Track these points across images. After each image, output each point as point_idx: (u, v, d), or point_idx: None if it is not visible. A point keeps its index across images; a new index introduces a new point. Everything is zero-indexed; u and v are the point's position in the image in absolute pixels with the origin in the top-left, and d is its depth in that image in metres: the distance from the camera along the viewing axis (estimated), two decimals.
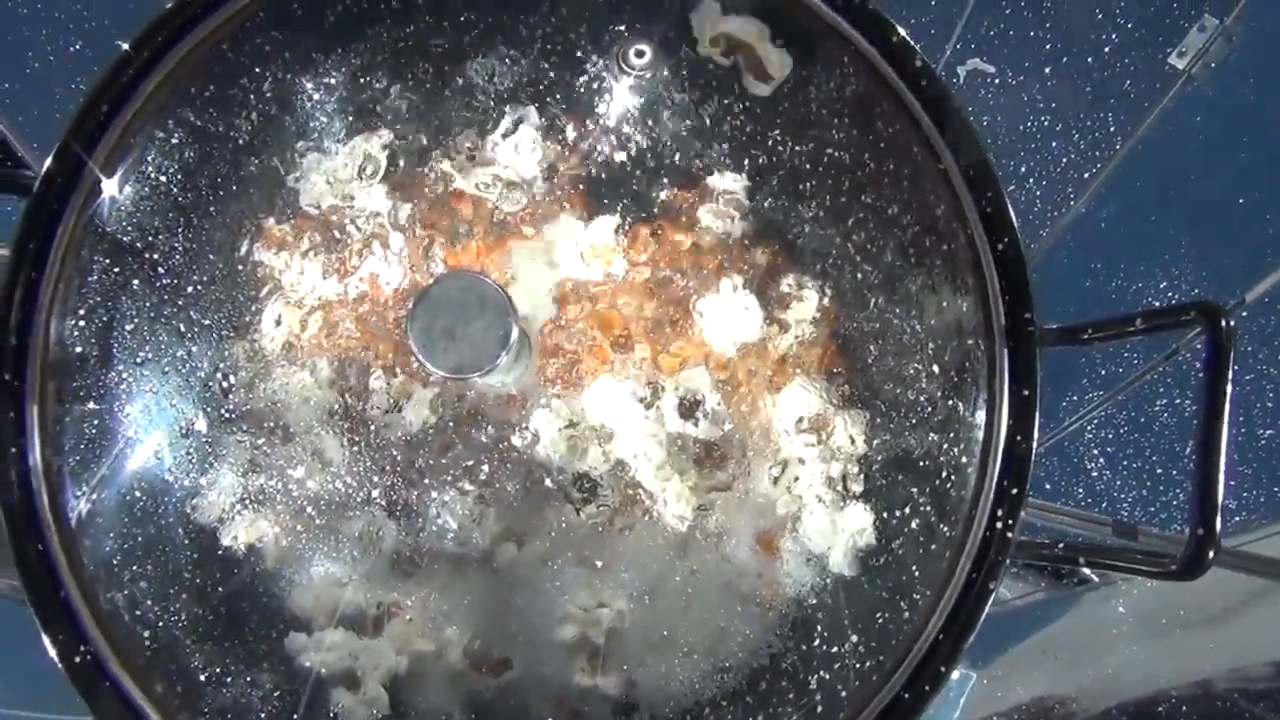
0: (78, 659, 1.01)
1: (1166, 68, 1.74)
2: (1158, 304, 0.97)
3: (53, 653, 1.01)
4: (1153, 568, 0.93)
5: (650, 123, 1.15)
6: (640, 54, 1.12)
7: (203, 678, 1.08)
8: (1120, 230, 1.72)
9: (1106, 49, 1.77)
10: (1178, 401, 1.64)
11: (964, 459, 1.07)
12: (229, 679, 1.09)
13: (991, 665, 1.93)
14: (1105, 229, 1.70)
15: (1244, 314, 1.60)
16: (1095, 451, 1.66)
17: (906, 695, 1.02)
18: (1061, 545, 1.02)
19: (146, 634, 1.07)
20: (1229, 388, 0.92)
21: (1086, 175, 1.74)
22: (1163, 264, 1.68)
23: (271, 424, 1.14)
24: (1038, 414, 1.03)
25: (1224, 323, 0.92)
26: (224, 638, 1.11)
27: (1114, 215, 1.71)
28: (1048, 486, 1.63)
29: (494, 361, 0.92)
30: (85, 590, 1.04)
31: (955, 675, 2.08)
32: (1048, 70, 1.79)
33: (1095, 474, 1.67)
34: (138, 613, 1.08)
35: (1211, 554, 0.88)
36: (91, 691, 1.02)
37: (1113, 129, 1.74)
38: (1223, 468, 0.92)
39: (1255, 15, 1.70)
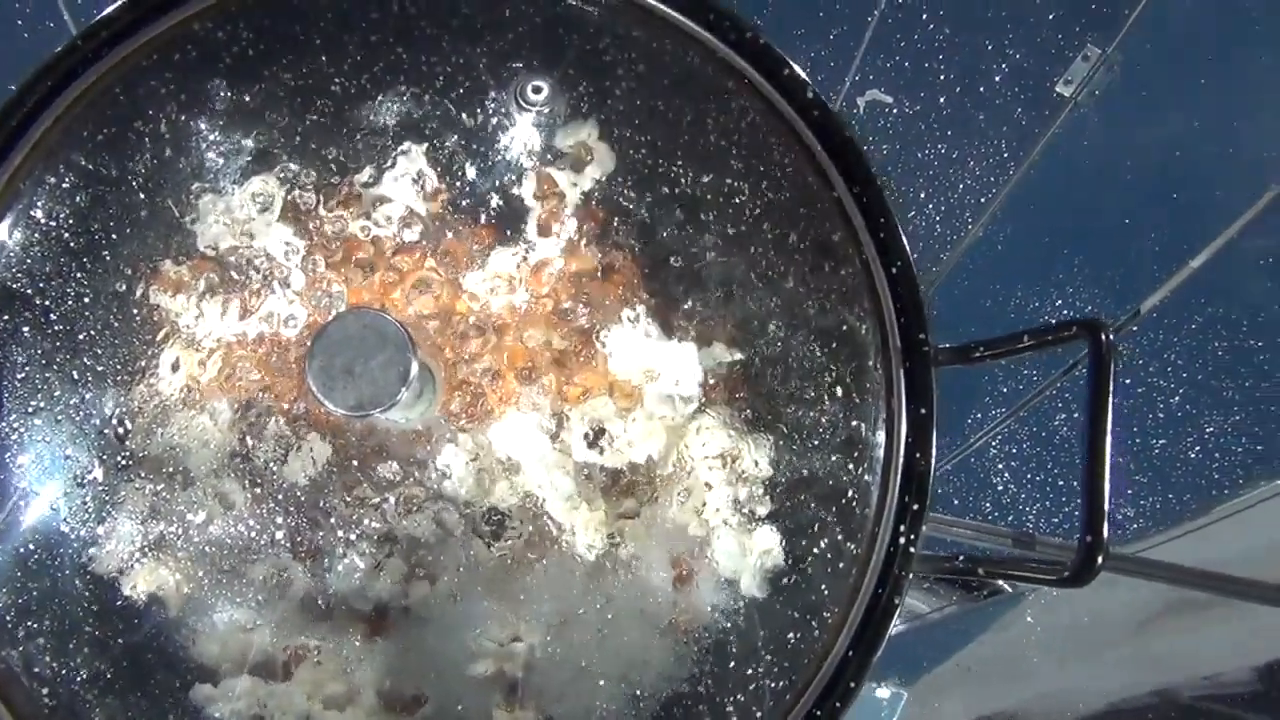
0: None
1: (1054, 96, 1.82)
2: (1054, 321, 1.01)
3: None
4: (1047, 575, 0.97)
5: (549, 156, 1.17)
6: (538, 89, 1.14)
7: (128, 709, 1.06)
8: (1016, 252, 1.78)
9: (997, 78, 1.84)
10: (1076, 416, 1.70)
11: (866, 477, 1.09)
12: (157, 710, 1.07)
13: (921, 683, 1.97)
14: (1002, 251, 1.76)
15: (1135, 329, 1.67)
16: (1000, 466, 1.70)
17: (819, 712, 1.03)
18: (961, 558, 1.05)
19: (45, 691, 1.05)
20: (1110, 399, 0.95)
21: (983, 200, 1.80)
22: (1057, 283, 1.74)
23: (170, 470, 1.13)
24: (935, 431, 1.06)
25: (1104, 337, 0.96)
26: (127, 691, 1.09)
27: (1010, 238, 1.77)
28: (955, 502, 1.68)
29: (394, 398, 0.92)
30: None
31: (886, 695, 2.11)
32: (943, 100, 1.85)
33: (1001, 488, 1.71)
34: (35, 670, 1.05)
35: (1100, 559, 0.92)
36: None
37: (1005, 155, 1.80)
38: (1108, 476, 0.96)
39: (1135, 44, 1.79)
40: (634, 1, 1.16)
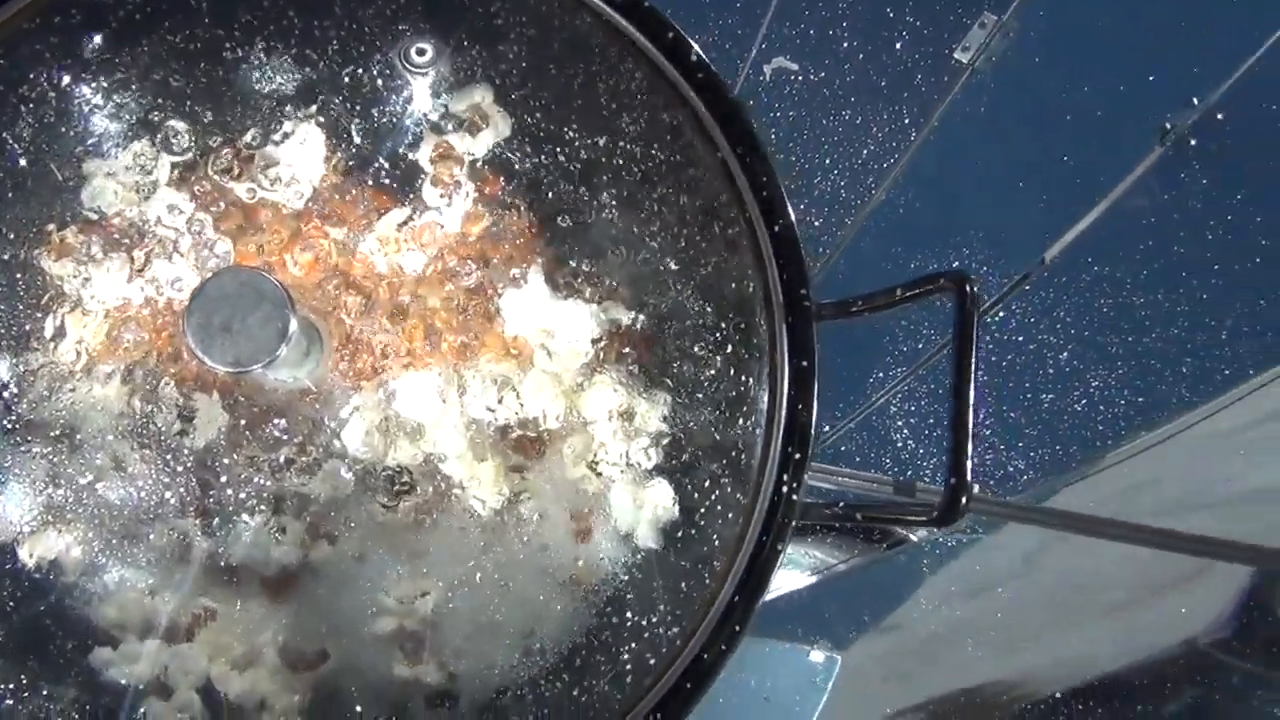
0: None
1: (952, 62, 1.86)
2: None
3: None
4: (918, 517, 1.01)
5: (437, 119, 1.19)
6: (422, 52, 1.15)
7: (4, 699, 1.06)
8: (918, 215, 1.83)
9: (898, 45, 1.88)
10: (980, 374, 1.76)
11: (753, 429, 1.13)
12: (32, 698, 1.07)
13: (856, 648, 2.02)
14: (904, 214, 1.81)
15: (1028, 288, 1.73)
16: (900, 424, 1.76)
17: (705, 655, 1.07)
18: (842, 505, 1.09)
19: None
20: (975, 347, 0.99)
21: (886, 165, 1.84)
22: (954, 244, 1.80)
23: (62, 435, 1.13)
24: (816, 384, 1.10)
25: (968, 288, 1.00)
26: (25, 656, 1.09)
27: (911, 201, 1.82)
28: (858, 459, 1.72)
29: (273, 354, 0.93)
30: None
31: (820, 659, 2.16)
32: (846, 67, 1.89)
33: (900, 444, 1.77)
34: None
35: (964, 500, 0.96)
36: None
37: (907, 121, 1.85)
38: (971, 424, 1.00)
39: (1029, 11, 1.84)
40: None
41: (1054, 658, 1.82)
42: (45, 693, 1.07)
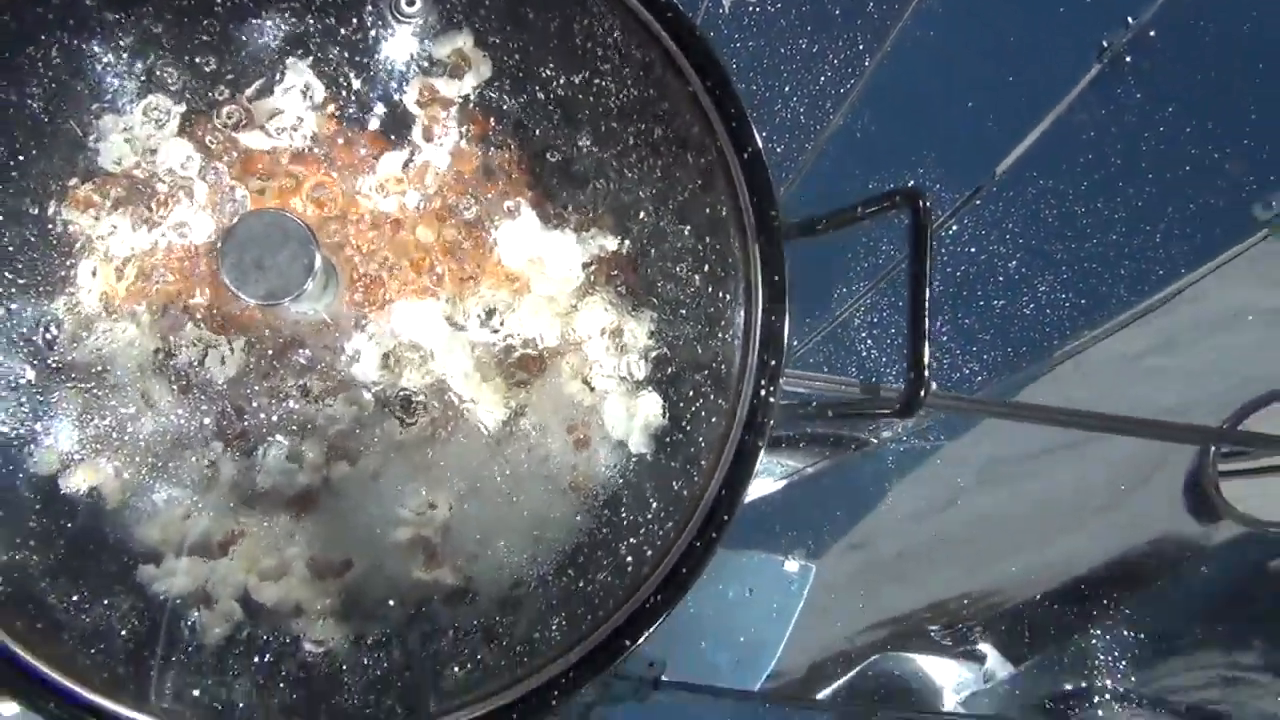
0: None
1: None
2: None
3: None
4: (884, 410, 1.14)
5: (428, 64, 1.27)
6: (411, 2, 1.23)
7: (62, 614, 1.17)
8: (874, 137, 1.93)
9: None
10: (933, 284, 1.88)
11: (731, 340, 1.24)
12: (88, 612, 1.18)
13: (831, 562, 2.16)
14: (861, 137, 1.91)
15: (979, 202, 1.84)
16: (864, 335, 1.88)
17: (697, 544, 1.20)
18: (814, 404, 1.22)
19: None
20: (929, 257, 1.11)
21: (842, 90, 1.94)
22: (909, 164, 1.90)
23: (98, 372, 1.22)
24: (788, 296, 1.21)
25: (921, 203, 1.11)
26: (77, 577, 1.20)
27: (867, 124, 1.92)
28: (825, 369, 1.85)
29: (302, 287, 1.03)
30: None
31: (794, 568, 2.30)
32: None
33: (865, 354, 1.89)
34: None
35: (923, 394, 1.08)
36: None
37: (861, 47, 1.94)
38: (928, 328, 1.11)
39: None
40: None
41: (1024, 565, 1.97)
42: (105, 604, 1.18)
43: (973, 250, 1.85)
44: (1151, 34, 1.73)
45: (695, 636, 2.06)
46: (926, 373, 1.09)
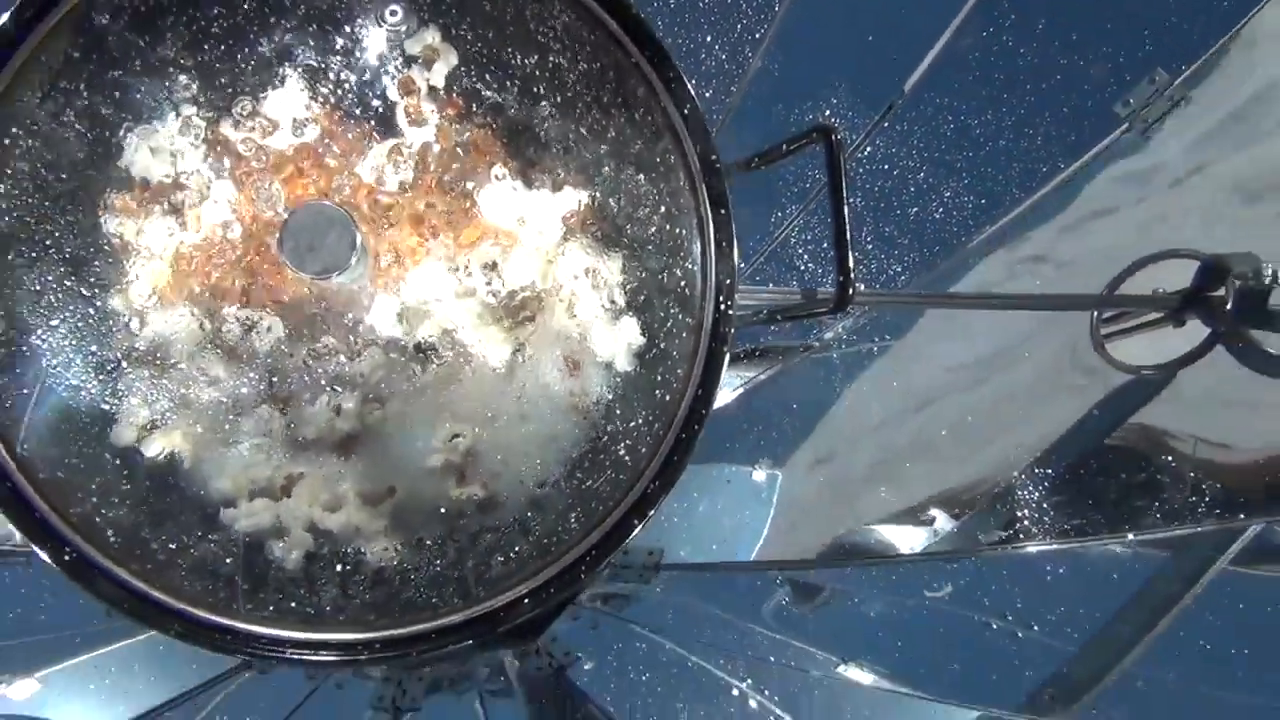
0: (67, 558, 1.31)
1: None
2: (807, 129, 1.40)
3: (47, 559, 1.30)
4: (820, 310, 1.39)
5: (410, 64, 1.48)
6: (394, 12, 1.44)
7: (168, 554, 1.40)
8: (790, 76, 2.16)
9: None
10: (852, 200, 2.13)
11: (691, 266, 1.48)
12: (187, 548, 1.41)
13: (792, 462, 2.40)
14: (778, 76, 2.14)
15: (886, 124, 2.08)
16: (801, 251, 2.12)
17: (683, 436, 1.45)
18: (765, 312, 1.47)
19: (110, 531, 1.37)
20: (844, 179, 1.35)
21: (758, 36, 2.16)
22: (825, 98, 2.14)
23: (163, 355, 1.44)
24: (733, 224, 1.46)
25: (833, 137, 1.35)
26: (174, 524, 1.43)
27: (783, 66, 2.14)
28: (771, 285, 2.10)
29: (348, 262, 1.25)
30: (56, 510, 1.33)
31: (762, 477, 2.56)
32: None
33: (804, 269, 2.14)
34: (97, 518, 1.38)
35: (850, 290, 1.34)
36: (83, 579, 1.32)
37: None
38: (850, 238, 1.36)
39: None
40: None
41: (996, 461, 2.24)
42: (201, 542, 1.41)
43: (886, 167, 2.10)
44: None
45: (674, 548, 2.31)
46: (852, 274, 1.35)
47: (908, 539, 2.23)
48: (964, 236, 2.06)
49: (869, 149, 2.11)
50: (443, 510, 1.51)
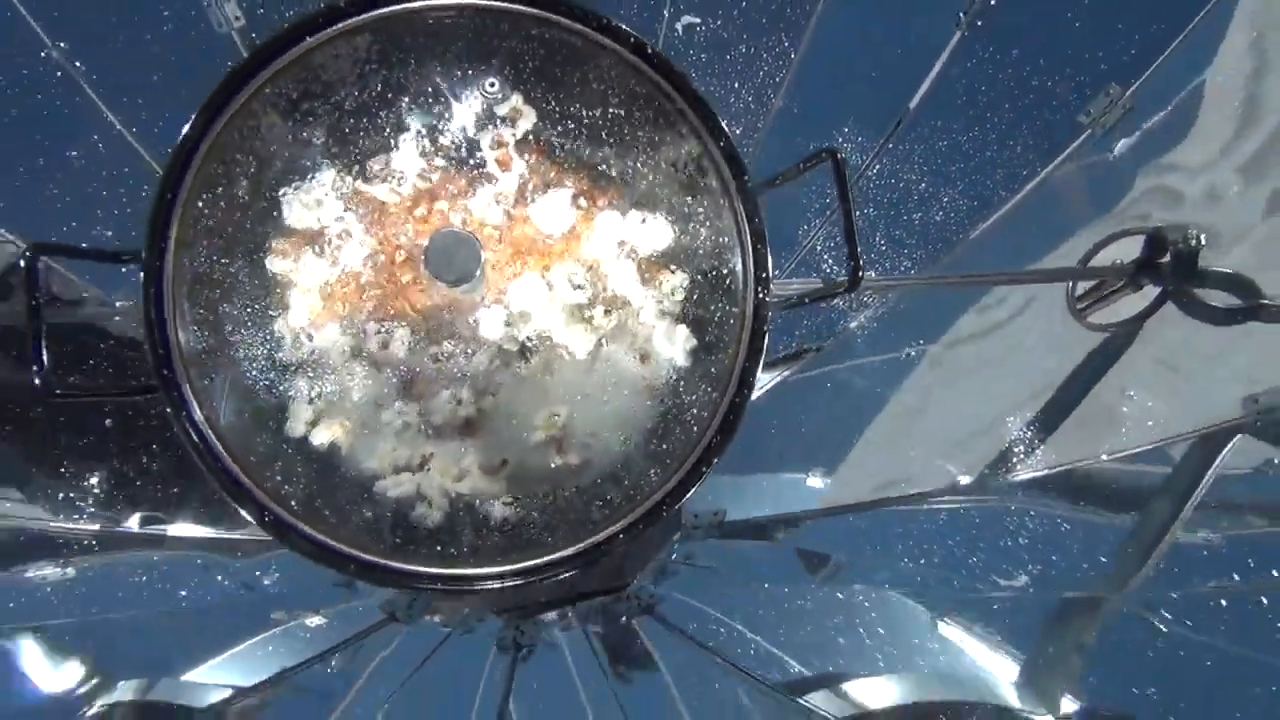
0: (267, 519, 1.69)
1: None
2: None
3: (251, 518, 1.68)
4: (838, 289, 1.74)
5: (499, 123, 1.86)
6: (492, 84, 1.83)
7: (337, 517, 1.77)
8: (808, 112, 2.52)
9: None
10: (865, 210, 2.48)
11: (735, 268, 1.84)
12: (352, 512, 1.79)
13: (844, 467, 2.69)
14: (797, 113, 2.50)
15: (891, 145, 2.43)
16: (825, 256, 2.46)
17: (737, 400, 1.80)
18: (794, 297, 1.82)
19: (293, 500, 1.75)
20: (849, 191, 1.70)
21: (778, 79, 2.52)
22: (838, 128, 2.49)
23: (321, 365, 1.82)
24: (765, 231, 1.81)
25: (838, 156, 1.71)
26: (339, 492, 1.80)
27: (800, 104, 2.50)
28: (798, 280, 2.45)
29: (475, 274, 1.63)
30: (255, 482, 1.71)
31: (819, 484, 2.89)
32: (734, 12, 2.56)
33: (827, 270, 2.48)
34: (283, 491, 1.75)
35: (859, 273, 1.69)
36: (279, 534, 1.69)
37: (787, 44, 2.52)
38: (856, 233, 1.70)
39: None
40: (529, 15, 1.83)
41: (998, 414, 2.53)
42: (363, 506, 1.78)
43: (892, 181, 2.44)
44: (992, 2, 2.31)
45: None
46: (861, 261, 1.70)
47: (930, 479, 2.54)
48: (960, 233, 2.40)
49: (877, 167, 2.46)
50: (547, 474, 1.87)
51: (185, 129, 1.69)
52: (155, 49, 2.49)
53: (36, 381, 1.57)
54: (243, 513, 1.68)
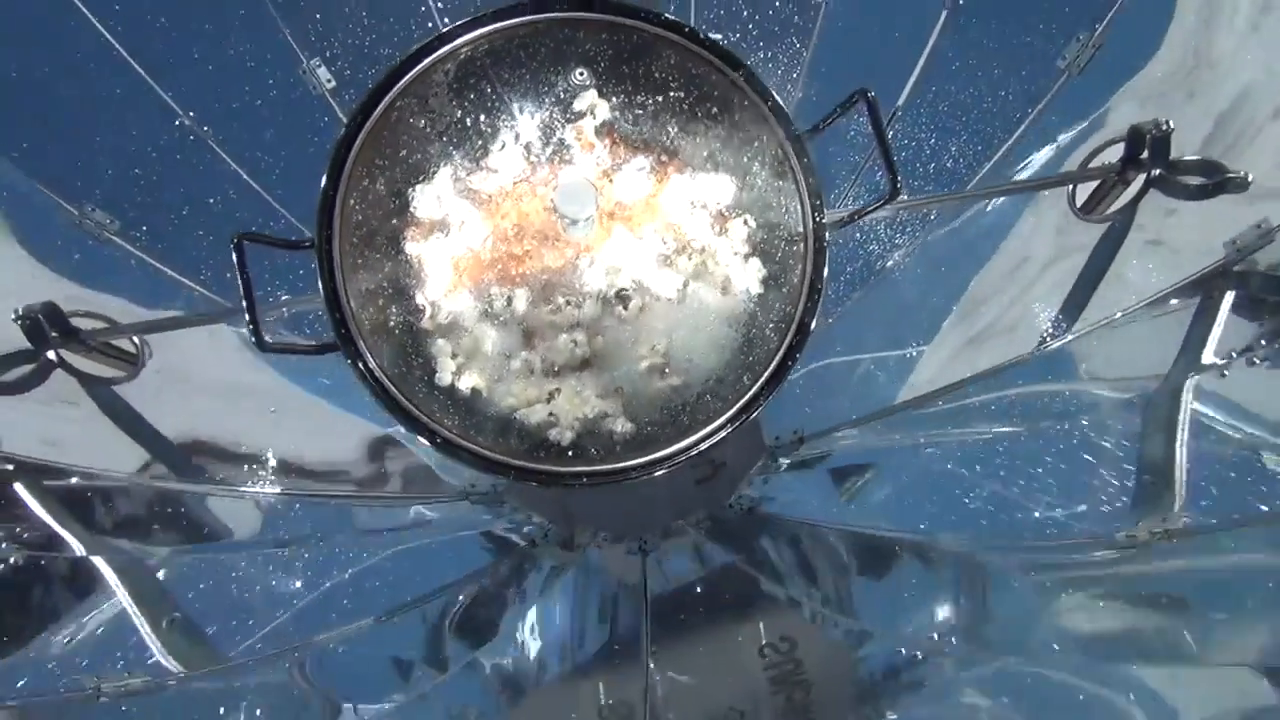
0: (438, 441, 2.02)
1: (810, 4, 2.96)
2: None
3: (425, 441, 2.01)
4: (882, 202, 2.10)
5: (585, 117, 2.24)
6: (582, 74, 2.21)
7: (493, 439, 2.10)
8: (824, 98, 2.91)
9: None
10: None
11: (793, 207, 2.20)
12: (504, 437, 2.11)
13: None
14: (816, 100, 2.88)
15: (900, 112, 2.81)
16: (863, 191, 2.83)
17: (809, 306, 2.14)
18: (845, 216, 2.18)
19: (453, 430, 2.08)
20: (881, 118, 2.07)
21: (795, 75, 2.93)
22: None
23: (457, 325, 2.17)
24: (815, 169, 2.18)
25: (870, 95, 2.08)
26: (488, 424, 2.13)
27: (819, 91, 2.89)
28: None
29: (593, 210, 1.99)
30: (424, 413, 2.05)
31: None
32: (750, 26, 2.97)
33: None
34: (445, 423, 2.09)
35: (899, 186, 2.05)
36: (454, 454, 2.02)
37: (799, 45, 2.92)
38: (891, 154, 2.06)
39: None
40: (599, 20, 2.23)
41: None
42: (508, 434, 2.11)
43: (906, 140, 2.81)
44: None
45: None
46: (898, 176, 2.06)
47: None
48: (970, 174, 2.75)
49: (892, 132, 2.84)
50: (656, 393, 2.20)
51: (341, 133, 2.08)
52: (265, 112, 2.91)
53: (253, 339, 1.92)
54: (419, 438, 2.01)
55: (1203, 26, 2.30)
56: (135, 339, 2.39)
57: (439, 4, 2.39)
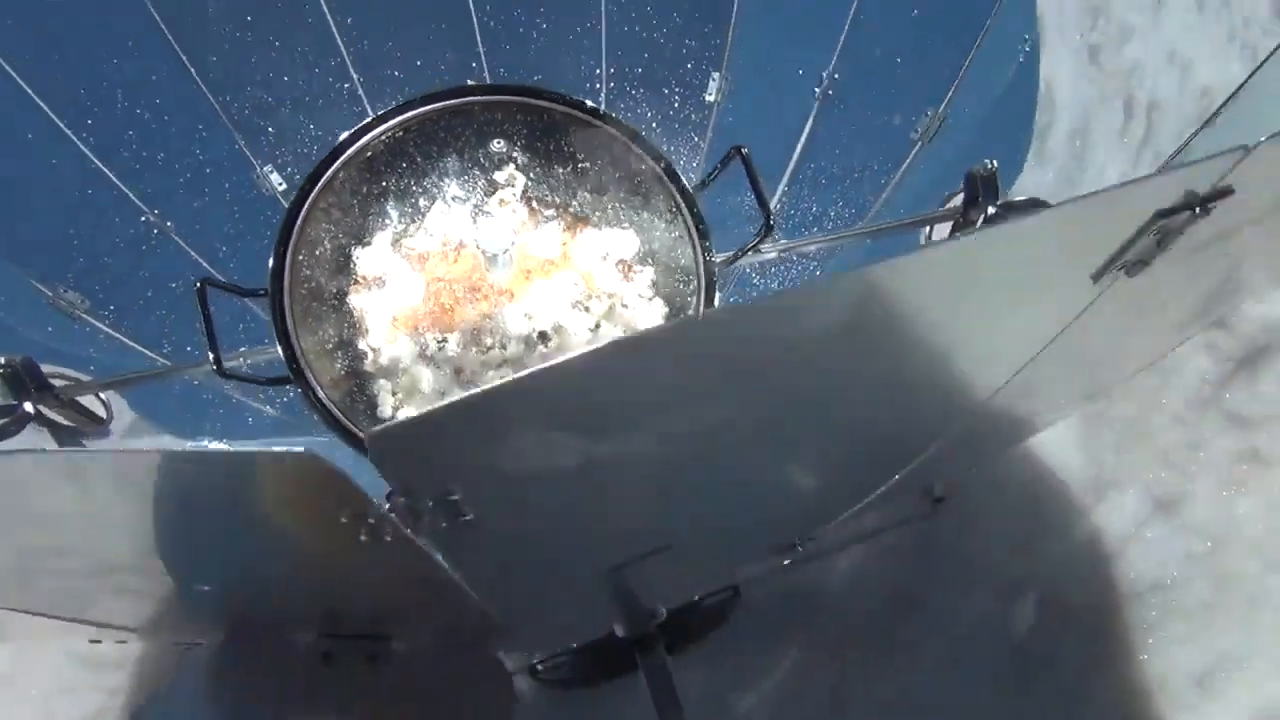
0: None
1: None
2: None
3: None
4: (761, 240, 2.42)
5: (504, 186, 2.58)
6: (500, 145, 2.55)
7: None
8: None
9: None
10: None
11: (689, 252, 2.52)
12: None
13: None
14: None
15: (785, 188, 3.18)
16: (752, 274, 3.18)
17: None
18: (731, 254, 2.51)
19: None
20: (757, 176, 2.42)
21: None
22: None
23: (395, 366, 2.43)
24: (704, 217, 2.51)
25: (742, 150, 2.43)
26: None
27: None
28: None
29: (510, 242, 2.30)
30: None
31: None
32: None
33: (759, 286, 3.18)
34: None
35: (771, 224, 2.38)
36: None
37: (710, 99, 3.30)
38: (765, 198, 2.41)
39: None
40: (519, 104, 2.58)
41: None
42: None
43: (792, 210, 3.15)
44: (836, 76, 3.12)
45: None
46: (771, 221, 2.38)
47: None
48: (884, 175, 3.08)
49: (780, 204, 3.19)
50: None
51: (287, 208, 2.39)
52: (222, 210, 3.23)
53: (213, 368, 2.18)
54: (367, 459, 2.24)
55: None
56: (102, 397, 2.62)
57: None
